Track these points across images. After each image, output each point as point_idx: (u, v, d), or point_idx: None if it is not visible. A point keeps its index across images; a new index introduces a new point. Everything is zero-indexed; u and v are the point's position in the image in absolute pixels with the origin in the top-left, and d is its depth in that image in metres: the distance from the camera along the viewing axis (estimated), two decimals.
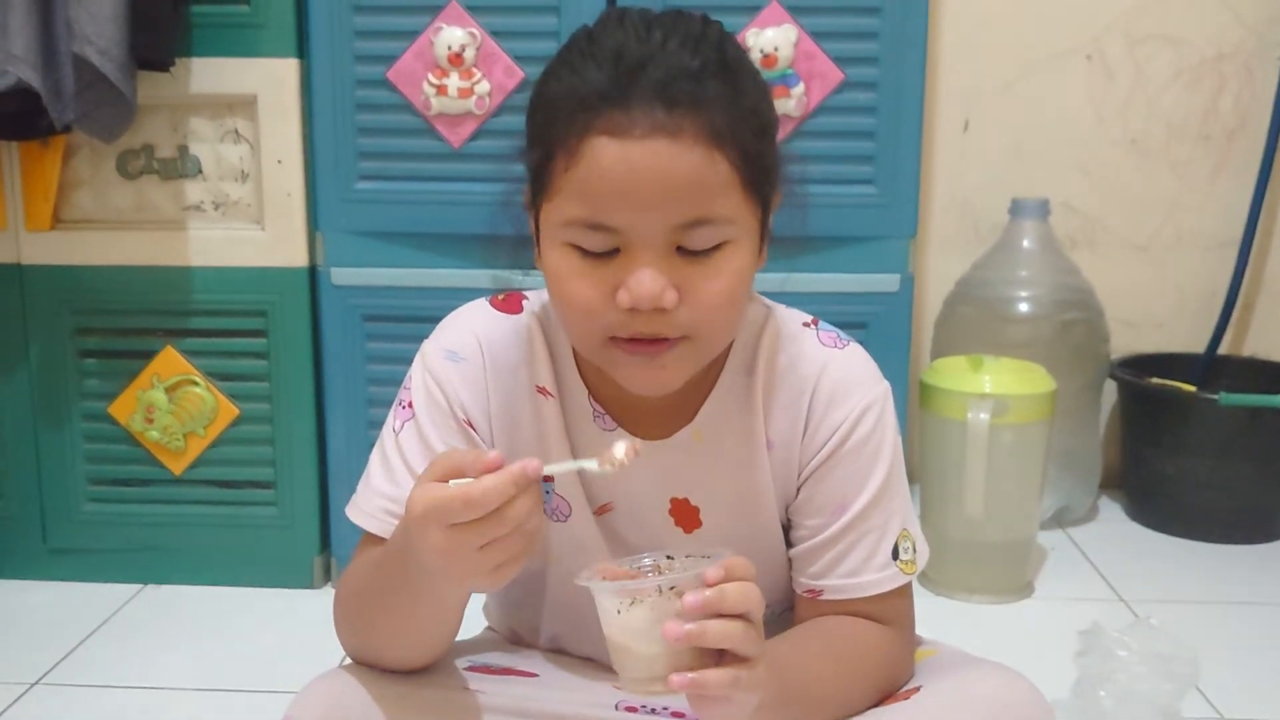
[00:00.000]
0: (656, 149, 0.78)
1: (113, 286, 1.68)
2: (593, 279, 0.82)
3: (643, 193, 0.79)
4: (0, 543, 1.75)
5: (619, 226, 0.80)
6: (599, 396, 0.94)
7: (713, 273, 0.82)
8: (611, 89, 0.79)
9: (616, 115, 0.79)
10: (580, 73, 0.81)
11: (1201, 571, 1.83)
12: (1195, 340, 2.13)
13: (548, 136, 0.82)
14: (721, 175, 0.81)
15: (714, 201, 0.81)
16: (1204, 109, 2.12)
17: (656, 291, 0.80)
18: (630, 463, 0.79)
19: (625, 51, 0.80)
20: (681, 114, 0.79)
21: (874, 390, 0.93)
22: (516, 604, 1.04)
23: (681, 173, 0.79)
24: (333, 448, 1.70)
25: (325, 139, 1.62)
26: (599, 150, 0.79)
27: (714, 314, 0.83)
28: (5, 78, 1.49)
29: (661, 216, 0.80)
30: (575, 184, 0.81)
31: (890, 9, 1.57)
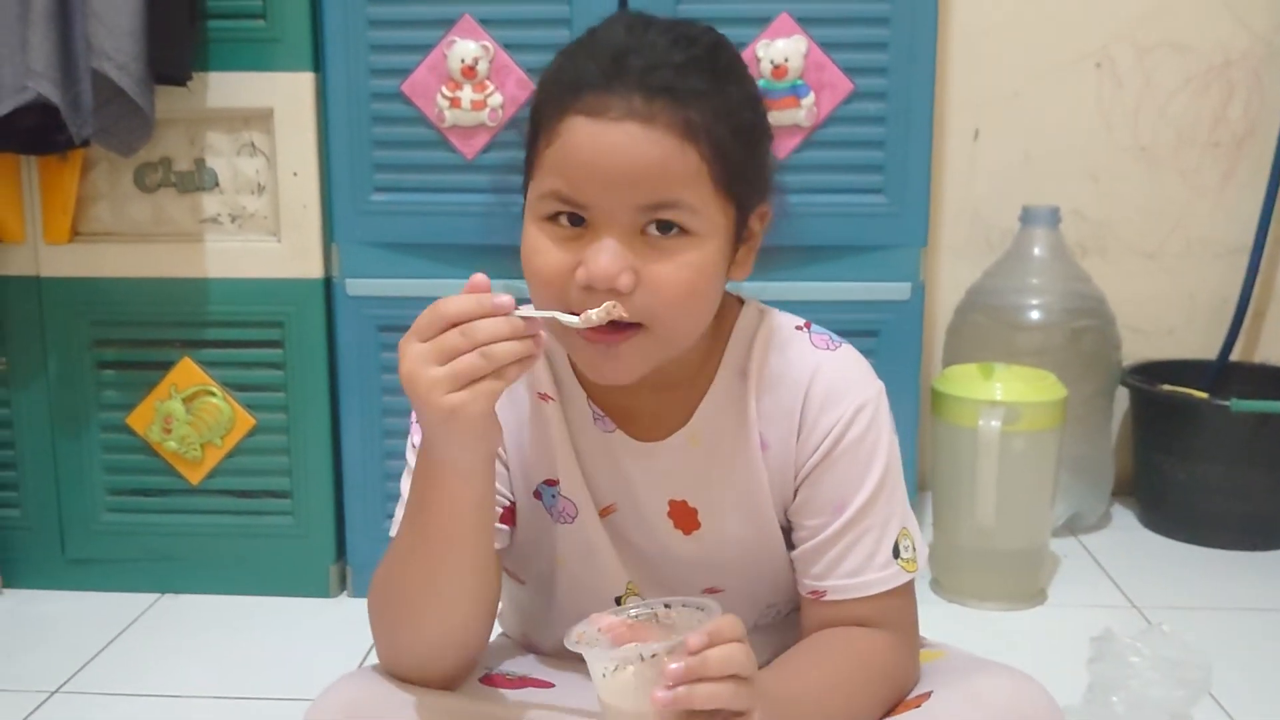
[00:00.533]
0: (629, 131, 0.81)
1: (130, 298, 1.70)
2: (558, 254, 0.84)
3: (610, 171, 0.81)
4: (19, 553, 1.77)
5: (586, 202, 0.83)
6: (597, 399, 0.95)
7: (673, 261, 0.83)
8: (597, 76, 0.83)
9: (596, 99, 0.82)
10: (573, 62, 0.85)
11: (1214, 578, 1.83)
12: (1206, 347, 2.13)
13: (535, 120, 0.86)
14: (691, 166, 0.83)
15: (680, 189, 0.83)
16: (1213, 116, 2.12)
17: (613, 272, 0.82)
18: (603, 320, 0.82)
19: (617, 44, 0.84)
20: (659, 104, 0.82)
21: (867, 390, 0.94)
22: (529, 607, 1.05)
23: (650, 156, 0.81)
24: (348, 457, 1.72)
25: (340, 151, 1.63)
26: (575, 128, 0.82)
27: (670, 304, 0.84)
28: (25, 93, 1.50)
29: (626, 196, 0.82)
30: (551, 160, 0.84)
31: (899, 20, 1.58)
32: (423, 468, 0.84)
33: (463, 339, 0.77)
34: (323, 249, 1.68)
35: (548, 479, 0.97)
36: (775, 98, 1.58)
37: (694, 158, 0.82)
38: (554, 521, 0.98)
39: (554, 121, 0.84)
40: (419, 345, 0.78)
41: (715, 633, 0.75)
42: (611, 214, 0.82)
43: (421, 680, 0.90)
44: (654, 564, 0.98)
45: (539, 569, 1.01)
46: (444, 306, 0.78)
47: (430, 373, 0.77)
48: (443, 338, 0.77)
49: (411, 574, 0.87)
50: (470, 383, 0.77)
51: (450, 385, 0.77)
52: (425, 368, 0.77)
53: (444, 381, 0.77)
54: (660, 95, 0.81)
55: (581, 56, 0.85)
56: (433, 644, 0.89)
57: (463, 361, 0.77)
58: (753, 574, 0.99)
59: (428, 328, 0.78)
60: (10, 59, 1.51)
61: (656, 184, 0.82)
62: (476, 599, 0.89)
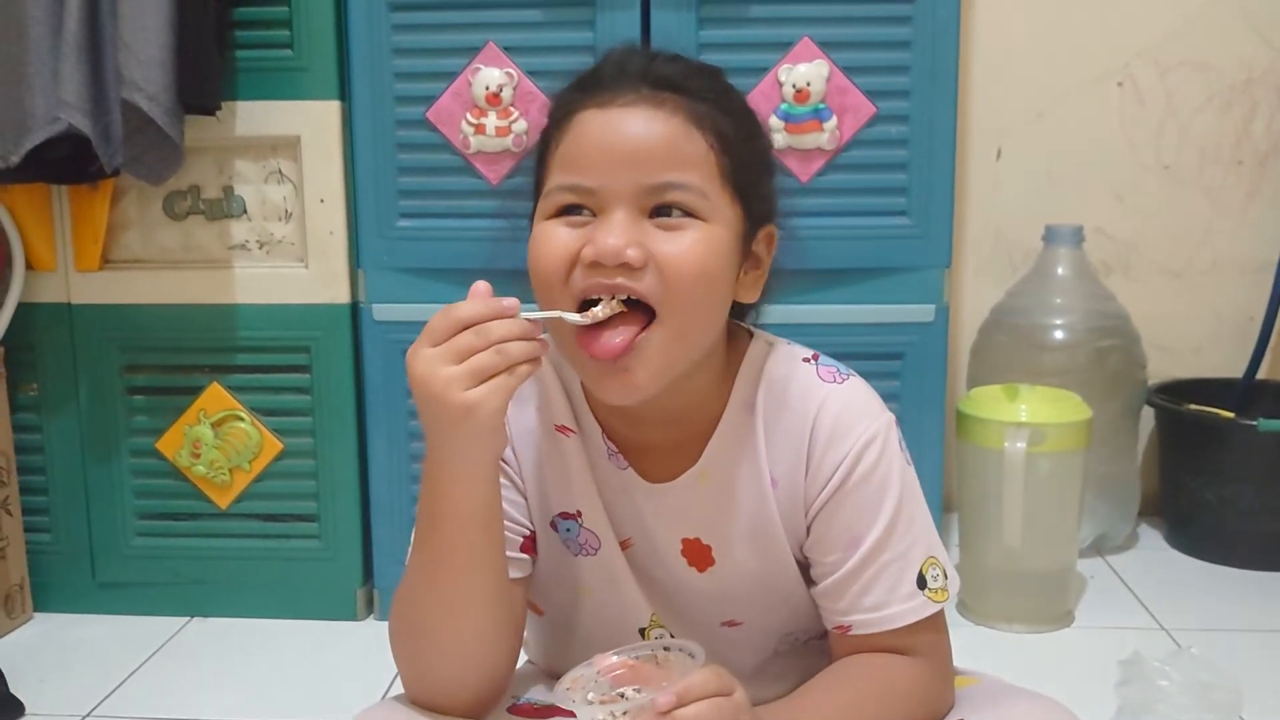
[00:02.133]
0: (636, 113, 0.84)
1: (160, 325, 1.71)
2: (564, 239, 0.85)
3: (619, 149, 0.84)
4: (50, 577, 1.79)
5: (594, 185, 0.84)
6: (611, 435, 0.96)
7: (682, 240, 0.84)
8: (604, 78, 0.86)
9: (604, 94, 0.85)
10: (582, 74, 0.89)
11: (1243, 599, 1.82)
12: (1232, 365, 2.12)
13: (545, 130, 0.89)
14: (699, 151, 0.85)
15: (688, 169, 0.84)
16: (1236, 134, 2.12)
17: (621, 245, 0.82)
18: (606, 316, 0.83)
19: (621, 56, 0.88)
20: (665, 94, 0.85)
21: (875, 423, 0.92)
22: (550, 638, 1.06)
23: (658, 134, 0.84)
24: (374, 481, 1.73)
25: (366, 178, 1.65)
26: (584, 120, 0.85)
27: (683, 283, 0.84)
28: (56, 124, 1.53)
29: (636, 174, 0.83)
30: (560, 157, 0.86)
31: (921, 43, 1.59)
32: (430, 479, 0.85)
33: (477, 338, 0.78)
34: (349, 275, 1.69)
35: (564, 512, 0.97)
36: (798, 122, 1.59)
37: (701, 144, 0.85)
38: (572, 554, 0.98)
39: (563, 122, 0.87)
40: (430, 350, 0.79)
41: (684, 692, 0.75)
42: (619, 194, 0.84)
43: (448, 709, 0.90)
44: (673, 597, 0.98)
45: (558, 600, 1.01)
46: (456, 310, 0.80)
47: (446, 371, 0.78)
48: (457, 338, 0.79)
49: (427, 593, 0.88)
50: (485, 380, 0.78)
51: (468, 382, 0.78)
52: (440, 368, 0.78)
53: (462, 378, 0.78)
54: (666, 87, 0.85)
55: (588, 72, 0.89)
56: (454, 666, 0.89)
57: (479, 359, 0.78)
58: (769, 606, 0.98)
59: (440, 331, 0.79)
60: (42, 90, 1.53)
61: (664, 161, 0.84)
62: (495, 617, 0.89)
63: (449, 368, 0.78)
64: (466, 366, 0.78)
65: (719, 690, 0.77)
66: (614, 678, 0.81)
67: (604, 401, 0.89)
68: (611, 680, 0.81)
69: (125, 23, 1.50)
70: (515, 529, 0.95)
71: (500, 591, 0.89)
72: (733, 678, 0.79)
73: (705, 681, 0.77)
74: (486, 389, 0.78)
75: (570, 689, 0.80)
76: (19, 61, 1.53)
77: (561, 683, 0.80)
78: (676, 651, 0.82)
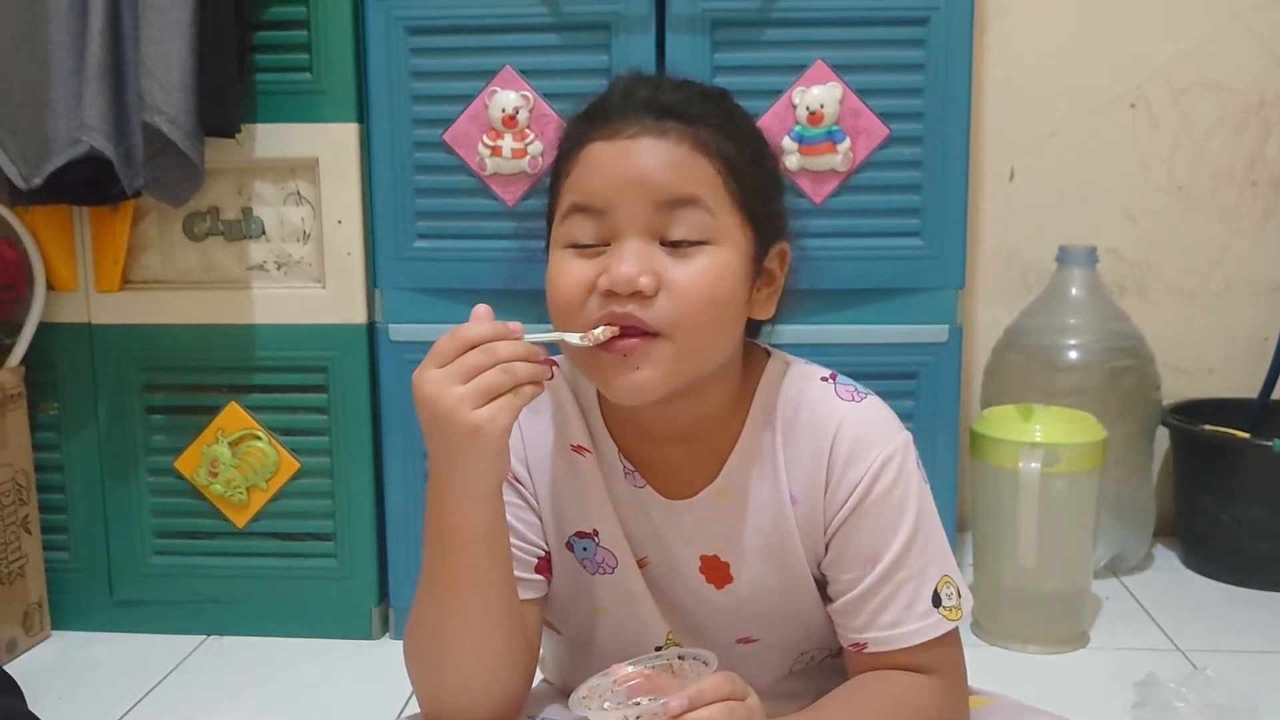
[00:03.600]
0: (644, 143, 0.86)
1: (179, 344, 1.73)
2: (580, 269, 0.87)
3: (628, 174, 0.86)
4: (68, 595, 1.80)
5: (604, 206, 0.86)
6: (628, 454, 0.96)
7: (692, 266, 0.86)
8: (610, 110, 0.88)
9: (611, 126, 0.87)
10: (589, 106, 0.91)
11: (1259, 621, 1.81)
12: (1248, 386, 2.12)
13: (555, 161, 0.92)
14: (706, 173, 0.87)
15: (696, 187, 0.87)
16: (1250, 155, 2.12)
17: (634, 273, 0.84)
18: (607, 338, 0.85)
19: (626, 85, 0.90)
20: (670, 123, 0.87)
21: (893, 442, 0.93)
22: (567, 656, 1.06)
23: (666, 159, 0.86)
24: (391, 500, 1.74)
25: (384, 200, 1.67)
26: (593, 152, 0.87)
27: (693, 309, 0.85)
28: (78, 146, 1.55)
29: (645, 195, 0.85)
30: (571, 184, 0.88)
31: (933, 65, 1.60)
32: (435, 500, 0.86)
33: (485, 357, 0.79)
34: (366, 295, 1.71)
35: (580, 531, 0.98)
36: (812, 144, 1.60)
37: (707, 168, 0.87)
38: (589, 573, 0.99)
39: (572, 155, 0.89)
40: (438, 370, 0.80)
41: (697, 696, 0.76)
42: (630, 218, 0.86)
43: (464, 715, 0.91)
44: (689, 614, 0.99)
45: (575, 620, 1.02)
46: (462, 331, 0.81)
47: (455, 391, 0.79)
48: (464, 358, 0.80)
49: (435, 614, 0.88)
50: (492, 399, 0.79)
51: (476, 401, 0.79)
52: (448, 387, 0.79)
53: (470, 397, 0.79)
54: (669, 116, 0.87)
55: (594, 103, 0.91)
56: (466, 685, 0.90)
57: (486, 378, 0.79)
58: (787, 624, 0.99)
59: (448, 352, 0.80)
60: (65, 114, 1.56)
61: (673, 181, 0.86)
62: (504, 637, 0.89)
63: (457, 387, 0.79)
64: (474, 385, 0.79)
65: (732, 694, 0.78)
66: (630, 687, 0.81)
67: (615, 402, 0.90)
68: (628, 690, 0.81)
69: (147, 47, 1.52)
70: (530, 549, 0.96)
71: (509, 611, 0.90)
72: (745, 683, 0.80)
73: (718, 685, 0.77)
74: (493, 408, 0.79)
75: (586, 697, 0.80)
76: (42, 85, 1.55)
77: (578, 691, 0.81)
78: (691, 660, 0.83)
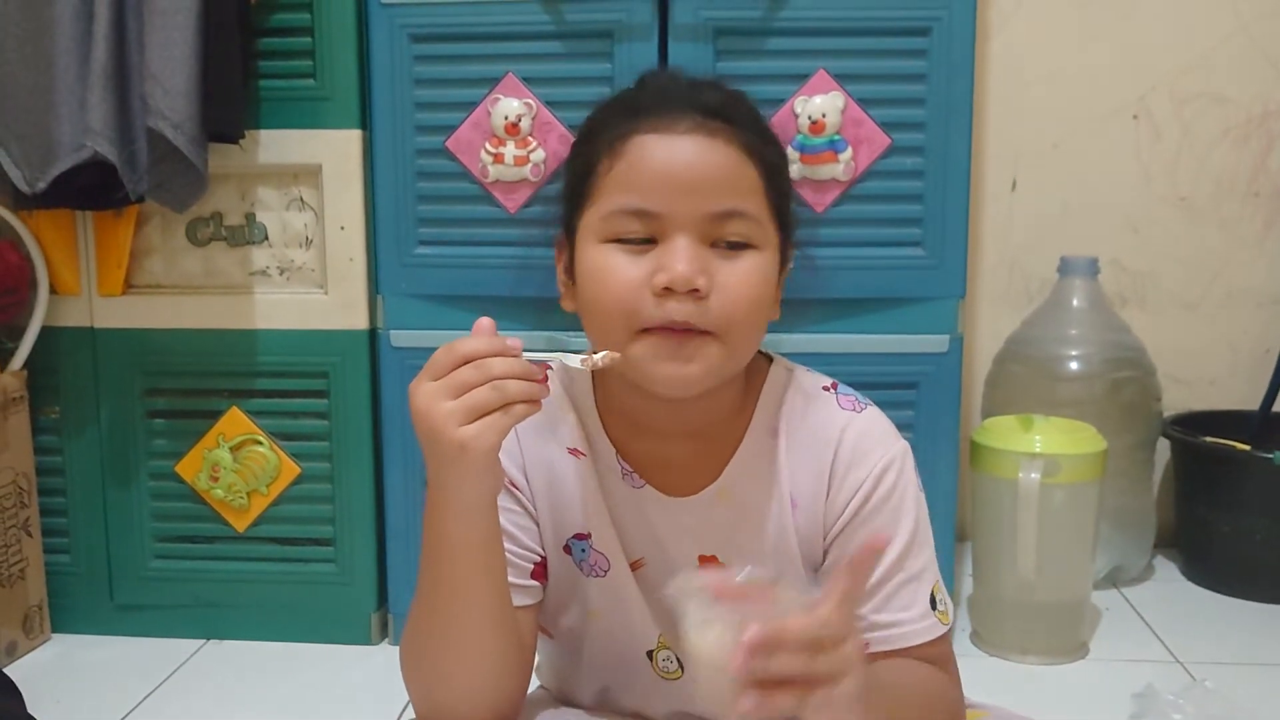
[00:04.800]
0: (697, 142, 0.87)
1: (181, 349, 1.73)
2: (630, 269, 0.88)
3: (683, 178, 0.87)
4: (69, 598, 1.80)
5: (659, 211, 0.87)
6: (626, 455, 0.97)
7: (740, 268, 0.88)
8: (653, 103, 0.89)
9: (659, 119, 0.88)
10: (625, 96, 0.93)
11: (1259, 633, 1.81)
12: (1249, 398, 2.12)
13: (591, 149, 0.91)
14: (751, 181, 0.89)
15: (746, 199, 0.88)
16: (1253, 167, 2.12)
17: (692, 272, 0.85)
18: (604, 365, 0.85)
19: (665, 81, 0.92)
20: (717, 123, 0.88)
21: (892, 449, 0.96)
22: (559, 661, 1.07)
23: (719, 165, 0.88)
24: (391, 506, 1.74)
25: (386, 206, 1.67)
26: (643, 145, 0.88)
27: (741, 309, 0.88)
28: (83, 151, 1.56)
29: (699, 202, 0.87)
30: (618, 178, 0.88)
31: (936, 75, 1.60)
32: (430, 510, 0.86)
33: (476, 373, 0.79)
34: (368, 301, 1.71)
35: (578, 533, 0.99)
36: (813, 153, 1.60)
37: (753, 174, 0.89)
38: (584, 575, 0.99)
39: (617, 143, 0.89)
40: (431, 384, 0.80)
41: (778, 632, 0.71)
42: (684, 220, 0.87)
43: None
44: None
45: (569, 623, 1.02)
46: (458, 346, 0.81)
47: (444, 406, 0.79)
48: (457, 373, 0.80)
49: (429, 621, 0.89)
50: (481, 416, 0.79)
51: (464, 418, 0.79)
52: (438, 403, 0.79)
53: (458, 414, 0.79)
54: (716, 116, 0.88)
55: (632, 94, 0.93)
56: (459, 692, 0.90)
57: (476, 395, 0.79)
58: None
59: (441, 366, 0.80)
60: (69, 118, 1.56)
61: (726, 192, 0.87)
62: (498, 644, 0.90)
63: (447, 402, 0.79)
64: (463, 402, 0.79)
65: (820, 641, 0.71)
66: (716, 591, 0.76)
67: (656, 391, 0.90)
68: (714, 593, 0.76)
69: (152, 53, 1.53)
70: (526, 555, 0.97)
71: (503, 620, 0.90)
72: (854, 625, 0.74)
73: (806, 628, 0.71)
74: (479, 426, 0.79)
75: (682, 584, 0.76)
76: (47, 90, 1.56)
77: (675, 580, 0.76)
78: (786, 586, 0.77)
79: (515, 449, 0.97)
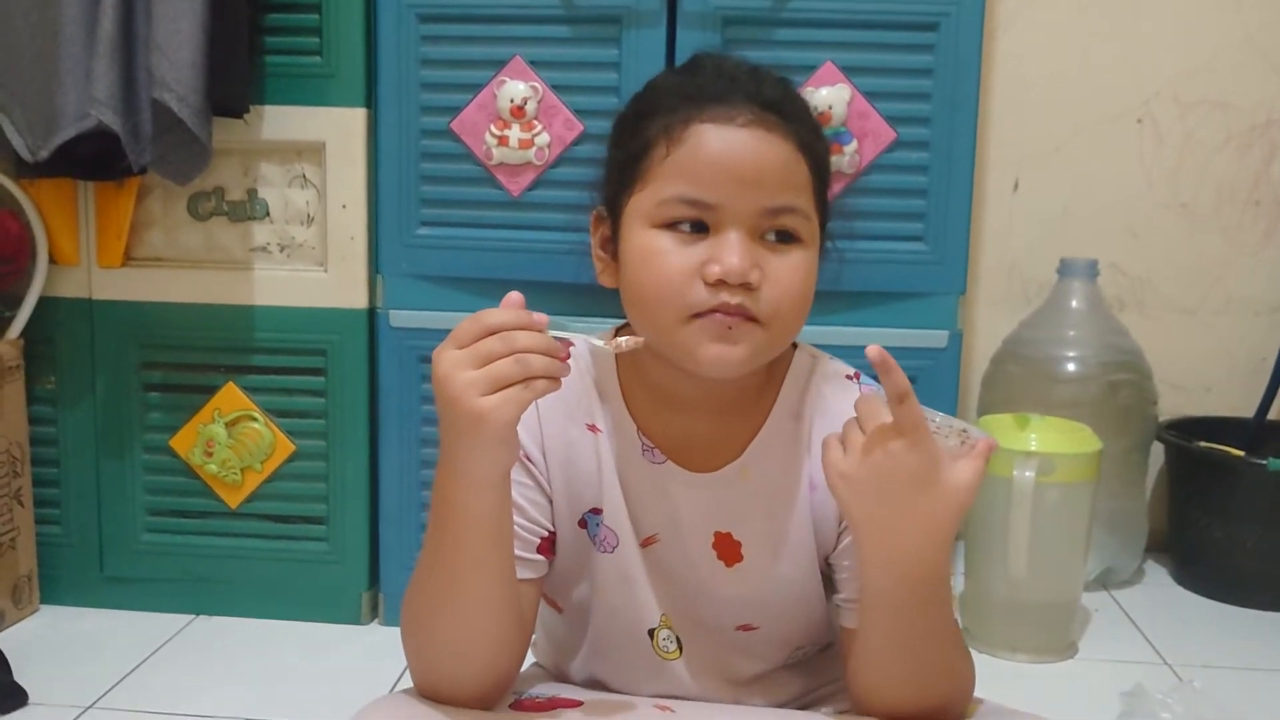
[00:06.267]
0: (756, 135, 0.88)
1: (179, 323, 1.73)
2: (681, 256, 0.88)
3: (741, 171, 0.87)
4: (59, 570, 1.80)
5: (716, 202, 0.88)
6: (647, 431, 0.98)
7: (789, 262, 0.90)
8: (714, 89, 0.90)
9: (719, 109, 0.89)
10: (683, 77, 0.92)
11: (1248, 638, 1.81)
12: (1244, 405, 2.12)
13: (647, 130, 0.91)
14: (804, 177, 0.90)
15: (797, 195, 0.90)
16: (1254, 174, 2.13)
17: (746, 266, 0.87)
18: (630, 349, 0.86)
19: (723, 67, 0.92)
20: (774, 118, 0.89)
21: None
22: (564, 636, 1.07)
23: (776, 159, 0.88)
24: (385, 486, 1.74)
25: (389, 186, 1.67)
26: (704, 134, 0.88)
27: (790, 301, 0.89)
28: (87, 120, 1.55)
29: (756, 196, 0.88)
30: (675, 165, 0.89)
31: (942, 71, 1.61)
32: (441, 480, 0.86)
33: (500, 344, 0.80)
34: (368, 280, 1.71)
35: (594, 508, 0.99)
36: None
37: (805, 170, 0.90)
38: (597, 551, 1.00)
39: (677, 129, 0.89)
40: (455, 351, 0.81)
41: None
42: (738, 213, 0.88)
43: (451, 701, 0.91)
44: (690, 597, 1.00)
45: (578, 597, 1.02)
46: (485, 316, 0.81)
47: (466, 375, 0.79)
48: (481, 343, 0.80)
49: (431, 588, 0.89)
50: (502, 388, 0.79)
51: (485, 388, 0.79)
52: (461, 371, 0.80)
53: (479, 383, 0.79)
54: (772, 110, 0.89)
55: (689, 73, 0.93)
56: (456, 659, 0.91)
57: (498, 366, 0.79)
58: (788, 613, 1.00)
59: (467, 335, 0.81)
60: (74, 87, 1.56)
61: (781, 187, 0.88)
62: (498, 615, 0.90)
63: (469, 372, 0.79)
64: (485, 372, 0.79)
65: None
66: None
67: (699, 371, 0.90)
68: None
69: (159, 24, 1.52)
70: (534, 529, 0.97)
71: (505, 592, 0.90)
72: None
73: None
74: (500, 398, 0.79)
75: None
76: (52, 58, 1.56)
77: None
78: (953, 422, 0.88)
79: (535, 424, 0.97)
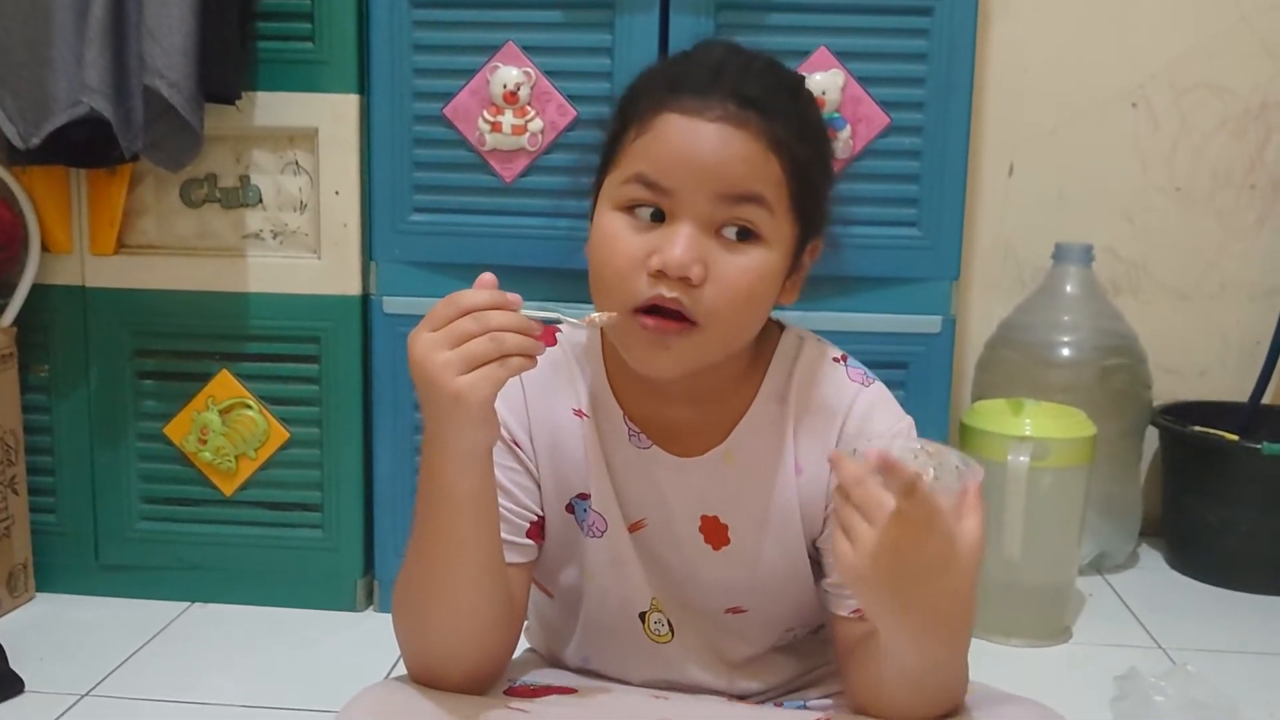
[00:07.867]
0: (721, 131, 0.86)
1: (172, 310, 1.73)
2: (632, 242, 0.88)
3: (698, 160, 0.86)
4: (54, 557, 1.80)
5: (670, 187, 0.87)
6: (634, 416, 0.98)
7: (740, 261, 0.88)
8: (694, 80, 0.88)
9: (691, 100, 0.87)
10: (672, 66, 0.91)
11: (1241, 621, 1.82)
12: (1239, 389, 2.12)
13: (626, 113, 0.91)
14: (772, 175, 0.88)
15: (762, 188, 0.87)
16: (1249, 158, 2.12)
17: (687, 260, 0.85)
18: (604, 325, 0.87)
19: (716, 59, 0.90)
20: (750, 114, 0.87)
21: (899, 424, 0.98)
22: (555, 621, 1.07)
23: (738, 154, 0.86)
24: (379, 473, 1.74)
25: (382, 172, 1.66)
26: (669, 124, 0.87)
27: (732, 303, 0.88)
28: (78, 107, 1.55)
29: (710, 184, 0.86)
30: (639, 149, 0.88)
31: (937, 55, 1.60)
32: (425, 460, 0.87)
33: (475, 324, 0.80)
34: (361, 267, 1.70)
35: (581, 493, 0.99)
36: None
37: (776, 169, 0.88)
38: (584, 535, 1.00)
39: (648, 116, 0.89)
40: (430, 334, 0.81)
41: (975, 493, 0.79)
42: (693, 203, 0.87)
43: (444, 685, 0.92)
44: (679, 581, 1.00)
45: (568, 582, 1.03)
46: (459, 298, 0.82)
47: (441, 356, 0.80)
48: (456, 323, 0.80)
49: (420, 571, 0.90)
50: (478, 367, 0.80)
51: (460, 368, 0.80)
52: (436, 352, 0.80)
53: (455, 363, 0.80)
54: (751, 107, 0.87)
55: (681, 62, 0.91)
56: (447, 644, 0.91)
57: (473, 345, 0.80)
58: (777, 596, 1.01)
59: (441, 316, 0.81)
60: (65, 74, 1.55)
61: (741, 177, 0.87)
62: (488, 598, 0.90)
63: (444, 352, 0.80)
64: (460, 352, 0.80)
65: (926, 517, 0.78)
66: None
67: (637, 369, 0.91)
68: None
69: (150, 10, 1.52)
70: (522, 514, 0.97)
71: (493, 574, 0.90)
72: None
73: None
74: (476, 376, 0.80)
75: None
76: (43, 45, 1.55)
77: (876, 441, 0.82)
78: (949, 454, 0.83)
79: (521, 409, 0.98)
